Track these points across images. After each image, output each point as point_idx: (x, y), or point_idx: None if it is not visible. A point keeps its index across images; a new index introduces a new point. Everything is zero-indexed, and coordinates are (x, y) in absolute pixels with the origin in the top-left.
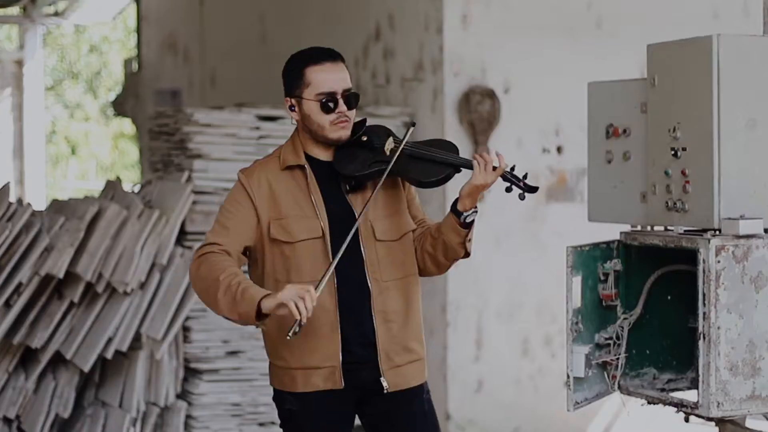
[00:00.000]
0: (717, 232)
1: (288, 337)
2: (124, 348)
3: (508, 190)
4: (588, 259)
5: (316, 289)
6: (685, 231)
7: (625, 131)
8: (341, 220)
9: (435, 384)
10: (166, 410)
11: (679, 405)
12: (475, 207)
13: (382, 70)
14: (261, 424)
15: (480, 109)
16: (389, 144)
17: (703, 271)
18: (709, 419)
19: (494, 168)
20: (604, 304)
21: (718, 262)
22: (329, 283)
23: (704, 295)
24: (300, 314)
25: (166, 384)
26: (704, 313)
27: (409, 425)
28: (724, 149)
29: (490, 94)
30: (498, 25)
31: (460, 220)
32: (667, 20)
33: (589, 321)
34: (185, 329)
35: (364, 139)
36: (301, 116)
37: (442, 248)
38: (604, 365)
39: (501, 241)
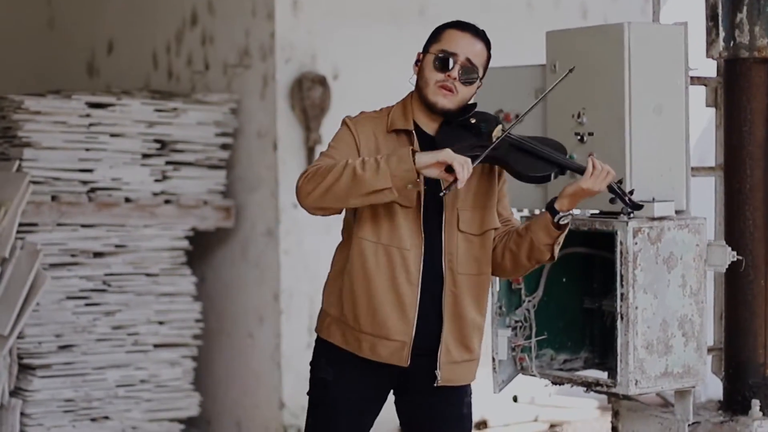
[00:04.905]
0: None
1: (441, 194)
2: None
3: (612, 201)
4: None
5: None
6: (591, 215)
7: (517, 116)
8: (434, 196)
9: (269, 373)
10: (1, 409)
11: (594, 384)
12: (572, 211)
13: (199, 56)
14: (93, 420)
15: (312, 95)
16: (497, 131)
17: (621, 253)
18: (625, 397)
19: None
20: (513, 287)
21: (635, 243)
22: (417, 255)
23: (622, 276)
24: (460, 175)
25: (2, 382)
26: (622, 294)
27: (444, 424)
28: (634, 134)
29: (321, 81)
30: (327, 12)
31: (555, 220)
32: (483, 8)
33: (504, 305)
34: None
35: (473, 121)
36: (419, 71)
37: (527, 248)
38: (513, 348)
39: (332, 228)
